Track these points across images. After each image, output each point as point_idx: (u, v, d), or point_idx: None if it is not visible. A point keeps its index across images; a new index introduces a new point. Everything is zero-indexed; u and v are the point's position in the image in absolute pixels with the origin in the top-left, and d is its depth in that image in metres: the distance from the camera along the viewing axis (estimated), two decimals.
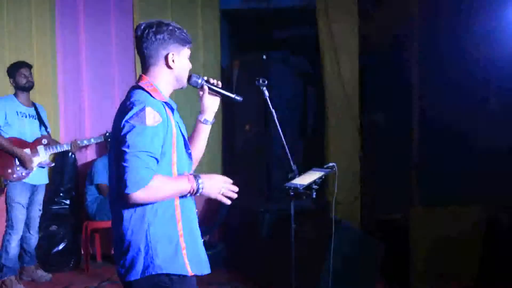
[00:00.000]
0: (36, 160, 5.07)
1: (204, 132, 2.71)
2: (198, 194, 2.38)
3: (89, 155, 6.22)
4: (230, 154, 6.41)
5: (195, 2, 6.35)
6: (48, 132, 5.28)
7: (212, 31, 6.41)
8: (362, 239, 4.54)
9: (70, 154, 6.02)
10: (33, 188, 5.14)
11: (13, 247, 4.97)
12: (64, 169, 6.02)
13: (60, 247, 5.65)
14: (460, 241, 4.62)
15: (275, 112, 3.65)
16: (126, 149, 2.22)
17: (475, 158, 5.15)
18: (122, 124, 2.26)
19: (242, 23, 6.92)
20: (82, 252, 5.77)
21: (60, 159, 6.00)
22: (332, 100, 5.77)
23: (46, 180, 5.30)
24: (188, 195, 2.37)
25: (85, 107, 6.22)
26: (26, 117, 5.11)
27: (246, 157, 6.01)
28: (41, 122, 5.23)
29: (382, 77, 6.13)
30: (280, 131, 3.62)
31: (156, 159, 2.26)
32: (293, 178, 3.43)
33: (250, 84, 3.99)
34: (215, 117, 2.76)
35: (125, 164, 2.21)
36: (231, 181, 2.47)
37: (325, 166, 3.56)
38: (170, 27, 2.41)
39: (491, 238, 4.62)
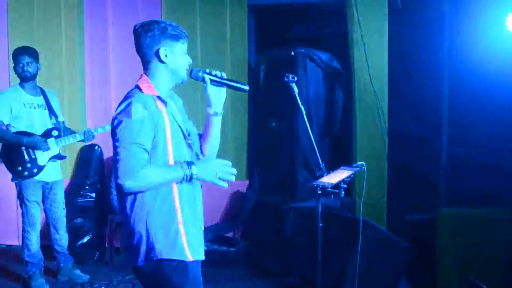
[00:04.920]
0: (47, 154, 4.72)
1: (215, 125, 2.75)
2: (192, 181, 2.49)
3: None
4: (256, 151, 6.39)
5: None
6: (58, 122, 4.87)
7: (239, 26, 6.40)
8: (388, 240, 4.47)
9: (96, 147, 6.07)
10: (46, 186, 4.85)
11: (34, 243, 4.80)
12: (90, 162, 6.08)
13: (85, 239, 5.68)
14: (488, 244, 4.52)
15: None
16: (117, 143, 2.42)
17: (504, 160, 5.05)
18: (112, 119, 2.50)
19: (270, 18, 6.88)
20: (107, 245, 5.79)
21: (87, 152, 6.06)
22: (361, 98, 5.70)
23: (60, 176, 4.97)
24: (183, 181, 2.47)
25: (112, 98, 6.25)
26: (34, 108, 4.71)
27: (272, 154, 5.98)
28: (51, 112, 4.83)
29: (411, 75, 6.05)
30: (308, 128, 3.60)
31: (146, 149, 2.41)
32: (321, 176, 3.40)
33: (278, 80, 3.97)
34: (225, 108, 2.78)
35: (117, 157, 2.40)
36: (229, 163, 2.55)
37: (354, 165, 3.52)
38: (162, 25, 2.55)
39: None
